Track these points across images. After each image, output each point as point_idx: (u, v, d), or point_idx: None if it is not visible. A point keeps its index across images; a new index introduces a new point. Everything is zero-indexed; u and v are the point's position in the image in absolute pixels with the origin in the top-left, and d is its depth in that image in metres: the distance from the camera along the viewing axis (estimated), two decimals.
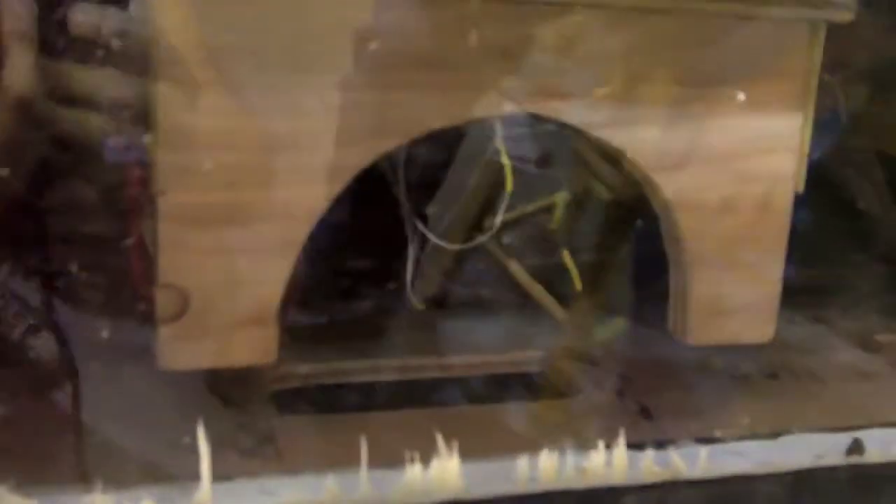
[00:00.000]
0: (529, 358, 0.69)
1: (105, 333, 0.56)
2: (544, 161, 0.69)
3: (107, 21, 0.51)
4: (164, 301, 0.52)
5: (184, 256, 0.52)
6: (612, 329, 0.73)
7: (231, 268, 0.53)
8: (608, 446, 0.51)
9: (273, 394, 0.61)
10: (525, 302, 0.74)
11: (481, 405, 0.65)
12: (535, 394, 0.68)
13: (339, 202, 0.55)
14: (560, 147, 0.69)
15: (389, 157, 0.62)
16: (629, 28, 0.56)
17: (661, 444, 0.52)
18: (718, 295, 0.61)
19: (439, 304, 0.73)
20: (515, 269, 0.74)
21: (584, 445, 0.51)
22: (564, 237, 0.76)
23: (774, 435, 0.55)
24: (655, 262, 0.69)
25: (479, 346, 0.70)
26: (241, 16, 0.50)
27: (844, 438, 0.55)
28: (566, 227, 0.76)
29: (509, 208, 0.73)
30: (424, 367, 0.67)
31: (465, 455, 0.49)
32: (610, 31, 0.55)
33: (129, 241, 0.53)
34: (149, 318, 0.53)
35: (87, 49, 0.51)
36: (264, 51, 0.51)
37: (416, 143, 0.57)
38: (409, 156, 0.65)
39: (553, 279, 0.75)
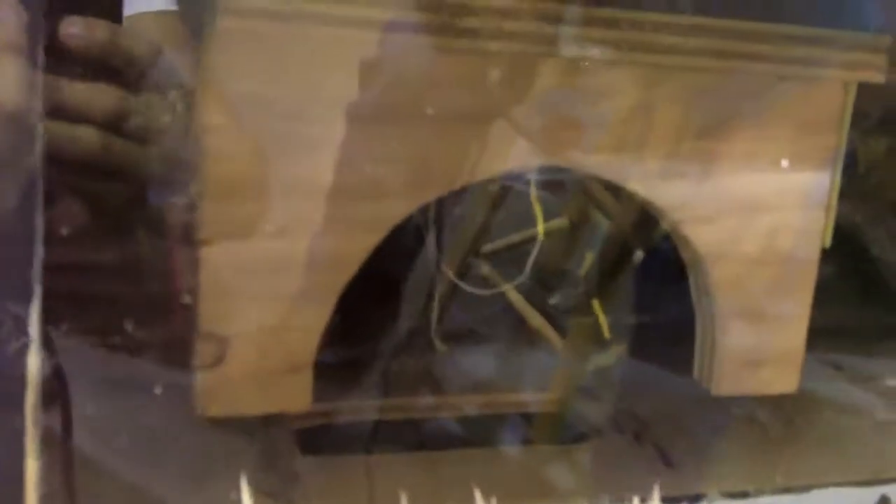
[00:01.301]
0: (546, 397, 0.70)
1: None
2: (553, 187, 0.70)
3: (99, 34, 0.51)
4: (203, 349, 0.52)
5: (224, 304, 0.52)
6: (610, 356, 0.74)
7: (270, 315, 0.53)
8: (643, 500, 0.52)
9: (295, 433, 0.61)
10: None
11: (507, 447, 0.65)
12: (553, 436, 0.68)
13: None
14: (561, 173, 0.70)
15: None
16: (665, 84, 0.56)
17: (694, 499, 0.53)
18: (746, 346, 0.62)
19: (462, 342, 0.74)
20: (515, 297, 0.74)
21: (620, 498, 0.52)
22: (561, 264, 0.77)
23: (804, 489, 0.56)
24: (662, 300, 0.70)
25: (500, 385, 0.70)
26: (286, 67, 0.51)
27: (872, 494, 0.56)
28: (564, 254, 0.77)
29: (503, 234, 0.73)
30: (445, 406, 0.68)
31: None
32: (646, 87, 0.56)
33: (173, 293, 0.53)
34: (168, 358, 0.54)
35: (79, 62, 0.51)
36: (309, 102, 0.51)
37: None
38: (440, 201, 0.65)
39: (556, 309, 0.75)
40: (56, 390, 0.52)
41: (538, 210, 0.65)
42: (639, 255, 0.74)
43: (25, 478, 0.43)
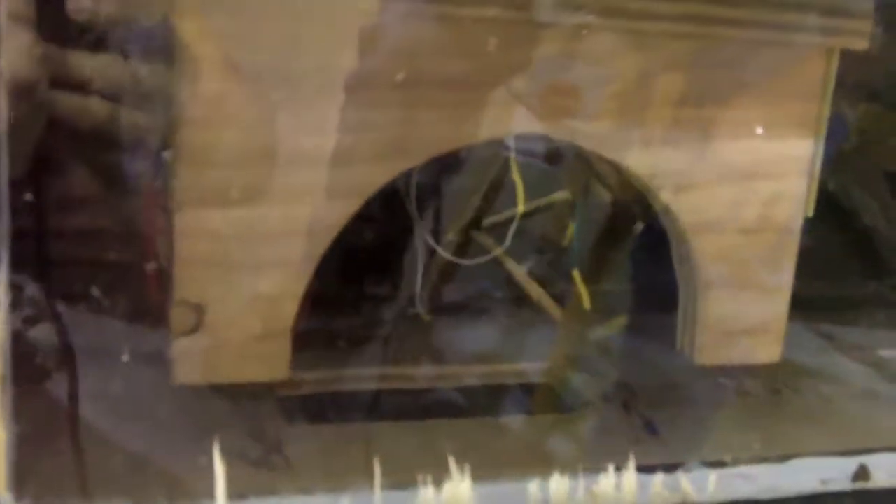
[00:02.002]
0: (536, 368, 0.70)
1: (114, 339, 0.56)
2: (555, 157, 0.70)
3: (105, 7, 0.51)
4: (179, 316, 0.52)
5: (200, 272, 0.52)
6: (610, 327, 0.73)
7: (247, 283, 0.53)
8: (618, 469, 0.52)
9: (279, 400, 0.61)
10: (527, 306, 0.75)
11: (487, 416, 0.65)
12: (542, 406, 0.69)
13: None
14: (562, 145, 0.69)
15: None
16: (649, 51, 0.56)
17: (670, 468, 0.53)
18: (728, 316, 0.61)
19: (446, 311, 0.74)
20: (513, 268, 0.74)
21: (594, 468, 0.52)
22: (562, 237, 0.77)
23: (781, 459, 0.56)
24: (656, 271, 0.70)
25: (485, 355, 0.70)
26: (263, 33, 0.51)
27: (851, 463, 0.56)
28: (565, 227, 0.76)
29: (507, 205, 0.73)
30: (429, 376, 0.68)
31: (474, 471, 0.50)
32: (629, 55, 0.56)
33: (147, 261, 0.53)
34: (154, 322, 0.54)
35: (87, 34, 0.51)
36: (286, 68, 0.51)
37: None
38: (421, 168, 0.65)
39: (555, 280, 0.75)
40: (63, 361, 0.53)
41: (519, 182, 0.64)
42: (638, 226, 0.74)
43: None
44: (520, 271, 0.74)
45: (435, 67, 0.54)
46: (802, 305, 0.65)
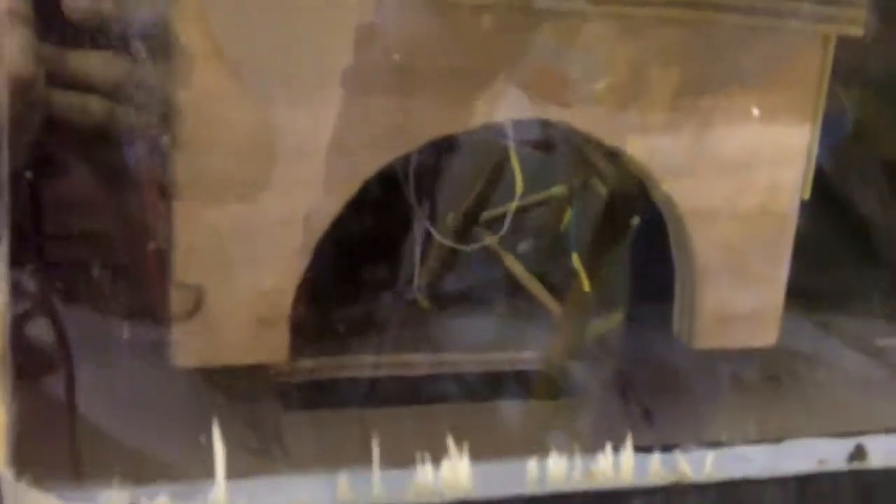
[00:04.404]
0: (533, 356, 0.70)
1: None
2: (546, 145, 0.70)
3: (102, 6, 0.51)
4: (178, 299, 0.52)
5: (198, 259, 0.52)
6: (608, 322, 0.74)
7: (245, 271, 0.53)
8: (615, 449, 0.52)
9: (277, 388, 0.61)
10: (526, 298, 0.75)
11: (486, 403, 0.65)
12: (540, 392, 0.69)
13: None
14: (558, 137, 0.70)
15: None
16: (643, 38, 0.56)
17: (667, 448, 0.53)
18: (725, 300, 0.62)
19: (444, 300, 0.74)
20: (511, 261, 0.75)
21: (592, 448, 0.52)
22: (559, 230, 0.77)
23: (778, 440, 0.56)
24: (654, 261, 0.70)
25: (482, 343, 0.71)
26: (259, 25, 0.51)
27: (847, 444, 0.56)
28: (562, 220, 0.77)
29: (506, 200, 0.73)
30: (427, 363, 0.68)
31: (473, 454, 0.50)
32: (624, 41, 0.56)
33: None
34: (152, 313, 0.54)
35: (84, 32, 0.51)
36: (281, 59, 0.51)
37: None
38: (419, 155, 0.65)
39: (552, 274, 0.75)
40: (59, 354, 0.53)
41: (517, 171, 0.65)
42: (635, 220, 0.74)
43: None
44: (515, 262, 0.75)
45: (429, 54, 0.54)
46: (801, 295, 0.65)
